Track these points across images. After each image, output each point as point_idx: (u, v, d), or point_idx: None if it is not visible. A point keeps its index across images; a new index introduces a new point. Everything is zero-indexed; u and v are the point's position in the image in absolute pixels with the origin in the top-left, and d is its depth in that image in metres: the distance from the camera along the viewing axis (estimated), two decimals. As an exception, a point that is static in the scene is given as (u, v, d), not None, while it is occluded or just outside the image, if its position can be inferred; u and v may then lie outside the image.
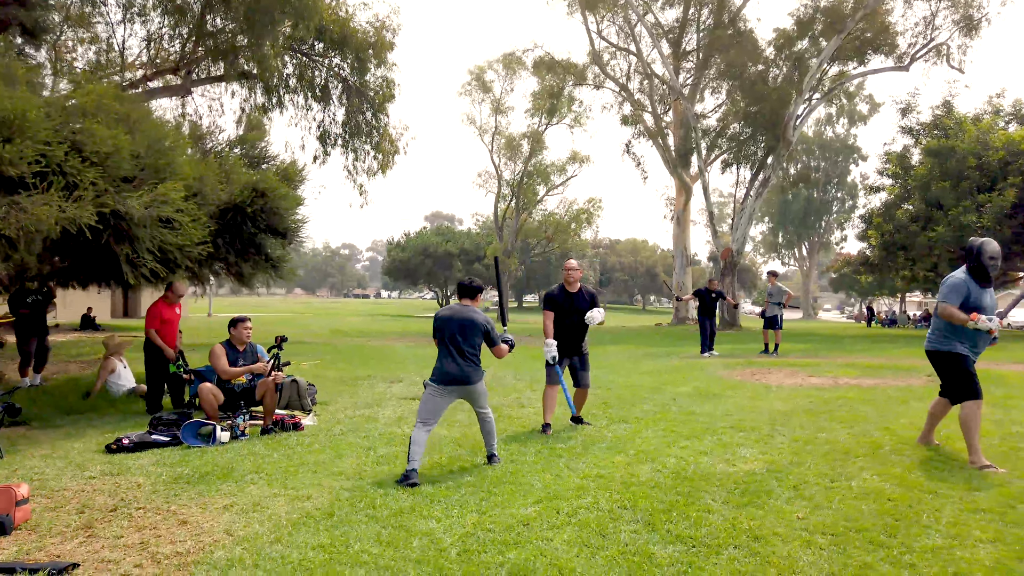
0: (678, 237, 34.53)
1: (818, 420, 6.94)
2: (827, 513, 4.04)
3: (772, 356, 14.59)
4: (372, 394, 9.42)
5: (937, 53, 27.46)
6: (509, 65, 42.58)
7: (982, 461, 4.96)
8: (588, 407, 8.00)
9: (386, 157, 21.66)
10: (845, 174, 69.34)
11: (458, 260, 55.51)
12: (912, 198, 26.40)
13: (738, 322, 28.31)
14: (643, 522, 3.93)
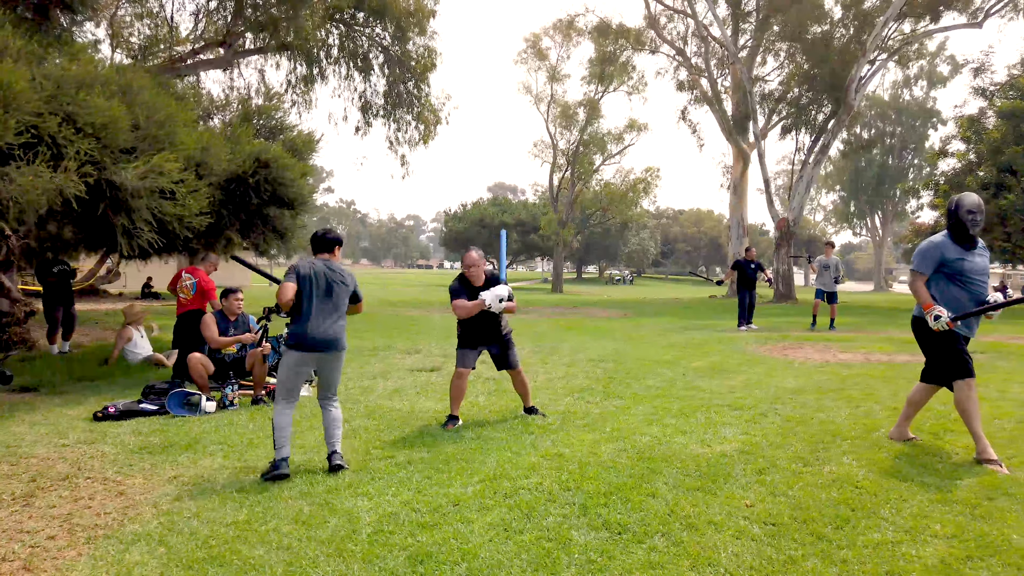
0: (735, 207, 33.42)
1: (824, 399, 6.56)
2: (780, 501, 3.77)
3: (830, 331, 13.81)
4: (383, 365, 9.42)
5: (1014, 7, 25.47)
6: (565, 31, 41.79)
7: (989, 454, 4.36)
8: (590, 381, 7.83)
9: (428, 127, 21.56)
10: (923, 139, 65.75)
11: (514, 231, 55.34)
12: (984, 164, 24.79)
13: (793, 294, 27.31)
14: (578, 505, 3.74)
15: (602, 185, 50.29)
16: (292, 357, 4.55)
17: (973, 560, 3.02)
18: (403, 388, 7.50)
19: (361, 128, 21.50)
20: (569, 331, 14.49)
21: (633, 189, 48.68)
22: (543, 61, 44.64)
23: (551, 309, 23.52)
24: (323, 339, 4.55)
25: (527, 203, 64.97)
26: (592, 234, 69.23)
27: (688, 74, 33.94)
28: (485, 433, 5.37)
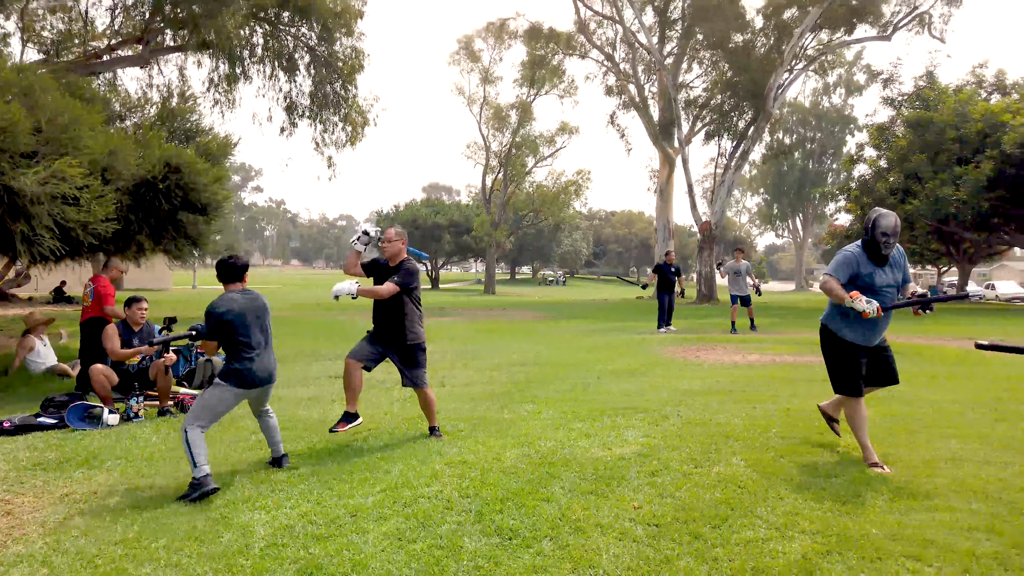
0: (661, 210, 34.24)
1: (726, 400, 6.85)
2: (666, 502, 3.95)
3: (752, 332, 14.30)
4: (304, 372, 9.36)
5: (920, 22, 26.96)
6: (498, 34, 42.01)
7: (872, 458, 4.57)
8: (507, 385, 7.96)
9: (355, 129, 21.39)
10: (842, 145, 68.58)
11: (447, 232, 55.23)
12: (893, 170, 26.12)
13: (715, 295, 28.17)
14: (474, 512, 3.84)
15: (534, 187, 50.72)
16: (231, 393, 4.46)
17: (832, 554, 3.25)
18: (320, 396, 7.48)
19: (286, 129, 21.17)
20: (495, 334, 14.63)
21: (565, 191, 49.26)
22: (476, 63, 44.80)
23: (482, 311, 23.64)
24: (266, 375, 4.61)
25: (460, 204, 64.93)
26: (525, 235, 69.72)
27: (616, 79, 34.61)
28: (394, 442, 5.42)
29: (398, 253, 5.38)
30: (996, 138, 22.23)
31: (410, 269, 5.36)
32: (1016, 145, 21.41)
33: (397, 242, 5.36)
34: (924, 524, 3.58)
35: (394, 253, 5.37)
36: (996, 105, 23.40)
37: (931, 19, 26.94)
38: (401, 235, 5.43)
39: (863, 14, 27.48)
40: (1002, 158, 21.97)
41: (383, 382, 8.18)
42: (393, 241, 5.35)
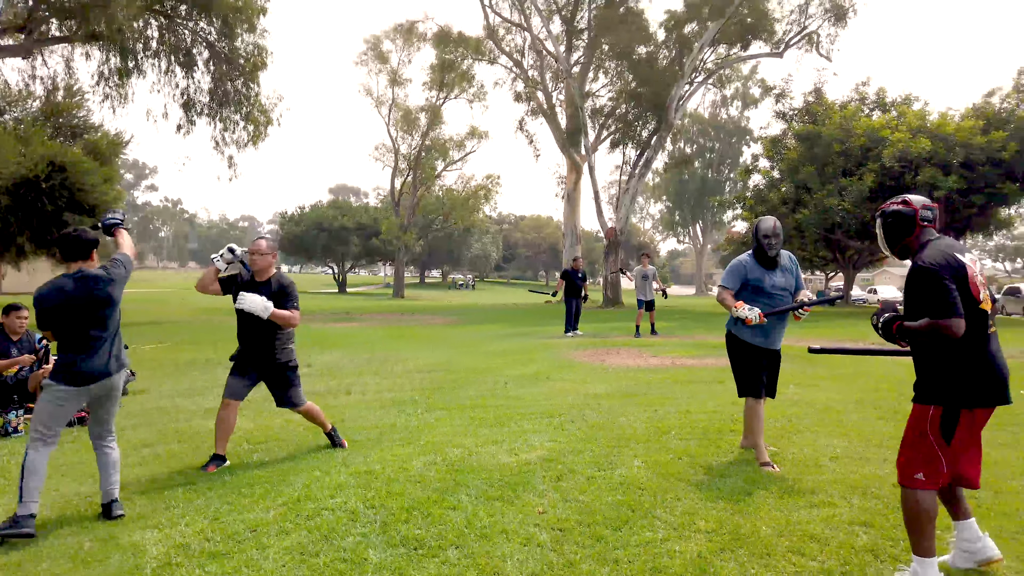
0: (569, 215, 34.84)
1: (628, 403, 7.05)
2: (570, 506, 4.03)
3: (654, 336, 14.71)
4: (204, 380, 9.00)
5: (809, 41, 28.62)
6: (407, 36, 41.70)
7: (764, 458, 4.78)
8: (415, 392, 7.91)
9: (258, 128, 20.77)
10: (739, 155, 71.69)
11: (355, 235, 54.33)
12: (784, 181, 27.53)
13: (620, 299, 28.90)
14: (379, 523, 3.81)
15: (444, 190, 50.65)
16: (63, 392, 3.89)
17: (725, 552, 3.41)
18: (217, 407, 7.20)
19: (184, 127, 20.34)
20: (404, 339, 14.51)
21: (475, 195, 49.39)
22: (384, 64, 44.31)
23: (390, 316, 23.38)
24: (101, 370, 3.97)
25: (369, 207, 64.07)
26: (435, 239, 69.36)
27: (525, 86, 35.00)
28: (296, 453, 5.30)
29: (269, 267, 5.07)
30: (877, 152, 23.80)
31: (291, 284, 5.10)
32: (895, 159, 23.00)
33: (268, 255, 5.05)
34: (808, 520, 3.80)
35: (265, 267, 5.03)
36: (877, 121, 25.07)
37: (819, 39, 28.65)
38: (273, 248, 5.16)
39: (757, 31, 28.90)
40: (882, 171, 23.55)
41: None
42: (265, 254, 5.02)
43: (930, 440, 3.02)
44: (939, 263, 2.97)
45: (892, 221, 3.23)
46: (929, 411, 3.04)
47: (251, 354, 5.04)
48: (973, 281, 3.00)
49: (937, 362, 3.04)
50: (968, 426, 3.03)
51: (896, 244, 3.25)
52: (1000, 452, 5.19)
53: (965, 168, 22.52)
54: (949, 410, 2.99)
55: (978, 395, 2.99)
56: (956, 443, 3.02)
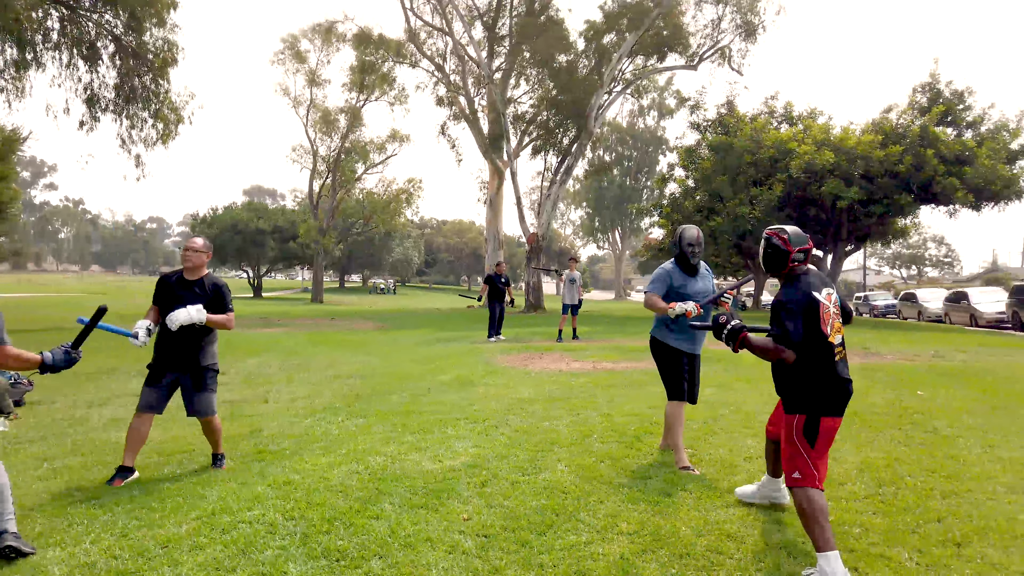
0: (491, 221, 34.97)
1: (551, 408, 7.11)
2: (495, 512, 4.03)
3: (575, 341, 14.91)
4: (105, 391, 8.55)
5: (721, 55, 29.68)
6: (325, 36, 40.91)
7: (684, 462, 4.88)
8: (335, 399, 7.75)
9: (167, 126, 19.94)
10: (655, 164, 73.52)
11: (271, 238, 52.89)
12: (699, 190, 28.44)
13: (542, 304, 29.17)
14: (299, 535, 3.70)
15: (365, 194, 49.93)
16: None
17: (647, 553, 3.48)
18: (124, 417, 6.85)
19: (87, 123, 19.32)
20: (323, 345, 14.21)
21: (396, 199, 48.88)
22: (302, 64, 43.32)
23: (309, 321, 22.85)
24: None
25: (286, 209, 62.50)
26: (355, 243, 68.30)
27: (447, 90, 34.93)
28: (210, 464, 5.10)
29: (201, 266, 4.96)
30: (785, 163, 24.89)
31: (225, 286, 4.99)
32: (801, 170, 24.10)
33: (203, 253, 4.97)
34: (726, 519, 3.92)
35: (198, 264, 4.93)
36: (785, 134, 26.22)
37: (731, 53, 29.76)
38: (209, 247, 5.05)
39: (673, 44, 29.78)
40: (790, 181, 24.65)
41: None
42: (199, 251, 4.94)
43: (798, 445, 3.45)
44: (796, 300, 3.46)
45: (771, 252, 3.66)
46: (795, 419, 3.48)
47: (172, 354, 4.84)
48: (824, 316, 3.46)
49: (794, 379, 3.50)
50: (827, 432, 3.46)
51: (770, 271, 3.71)
52: (898, 450, 5.49)
53: (865, 180, 23.80)
54: (811, 418, 3.44)
55: (831, 406, 3.45)
56: (819, 445, 3.45)
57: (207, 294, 4.88)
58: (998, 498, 4.33)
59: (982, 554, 3.48)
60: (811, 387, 3.44)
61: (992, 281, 47.06)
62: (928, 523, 3.90)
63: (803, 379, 3.46)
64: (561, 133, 31.35)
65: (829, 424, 3.46)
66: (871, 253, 69.20)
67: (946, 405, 7.37)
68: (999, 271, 64.28)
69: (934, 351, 12.90)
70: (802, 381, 3.46)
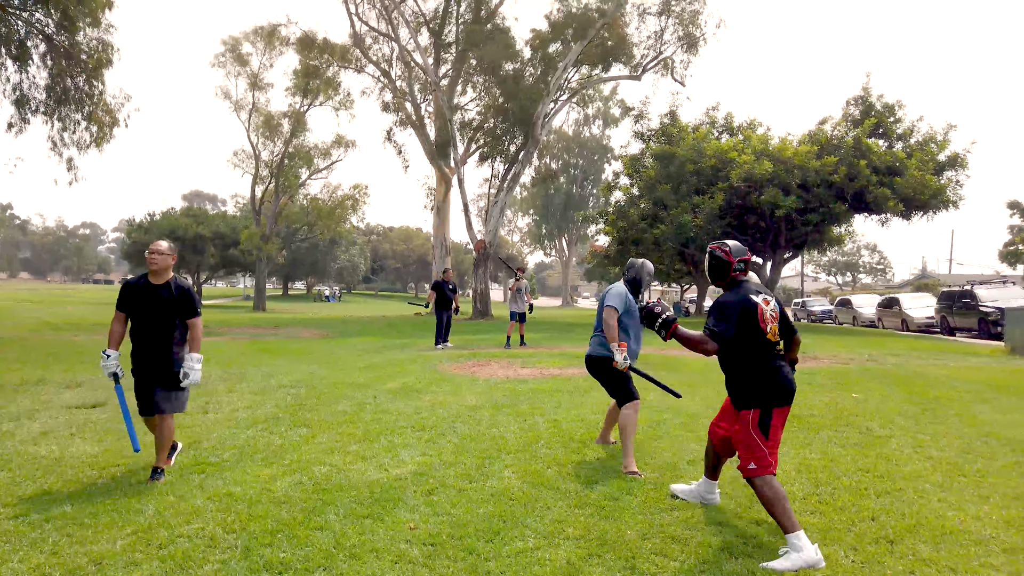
0: (438, 228, 34.80)
1: (499, 414, 7.11)
2: (441, 520, 4.01)
3: (522, 347, 14.95)
4: (32, 402, 8.18)
5: (664, 66, 30.23)
6: (268, 39, 40.21)
7: (631, 467, 4.98)
8: (278, 409, 7.60)
9: (102, 128, 19.28)
10: (601, 172, 74.38)
11: (211, 244, 51.61)
12: (643, 198, 28.89)
13: (490, 311, 29.17)
14: (241, 548, 3.61)
15: (309, 200, 49.14)
16: None
17: (593, 558, 3.50)
18: (54, 429, 6.59)
19: (16, 125, 18.54)
20: (266, 354, 13.91)
21: (341, 205, 48.26)
22: (244, 67, 42.50)
23: (249, 329, 22.34)
24: None
25: (227, 215, 61.12)
26: (299, 249, 67.21)
27: (393, 96, 34.70)
28: (146, 476, 4.93)
29: (167, 268, 5.03)
30: (726, 173, 25.48)
31: (191, 288, 5.10)
32: (741, 179, 24.71)
33: (168, 256, 5.03)
34: (670, 522, 3.98)
35: (164, 267, 4.99)
36: (726, 144, 26.83)
37: (674, 64, 30.33)
38: (173, 249, 5.12)
39: (617, 54, 30.22)
40: (731, 190, 25.24)
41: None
42: (165, 254, 5.01)
43: (754, 437, 3.73)
44: (732, 302, 3.81)
45: (714, 263, 4.00)
46: (749, 415, 3.76)
47: (148, 360, 4.99)
48: (762, 318, 3.79)
49: (745, 378, 3.81)
50: (777, 422, 3.78)
51: (715, 280, 4.06)
52: (834, 451, 5.67)
53: (803, 189, 24.53)
54: (764, 411, 3.74)
55: (778, 398, 3.76)
56: (772, 436, 3.75)
57: (174, 297, 4.97)
58: (928, 496, 4.51)
59: (914, 551, 3.61)
60: (760, 383, 3.76)
61: (922, 287, 49.03)
62: (863, 521, 4.03)
63: (752, 376, 3.78)
64: (508, 140, 31.46)
65: (780, 414, 3.78)
66: (808, 260, 71.34)
67: (879, 407, 7.64)
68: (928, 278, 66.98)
69: (868, 355, 13.36)
70: (752, 378, 3.78)
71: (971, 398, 8.32)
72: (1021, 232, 40.84)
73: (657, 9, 29.27)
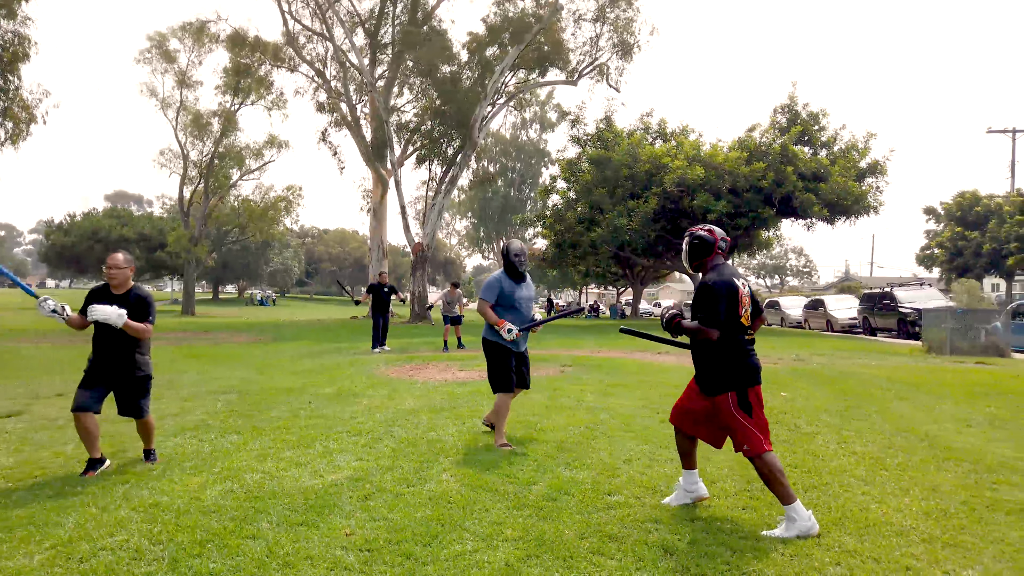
0: (375, 230, 34.44)
1: (438, 417, 7.06)
2: (378, 525, 3.95)
3: (460, 350, 14.95)
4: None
5: (599, 72, 30.68)
6: (196, 35, 38.99)
7: (502, 441, 5.64)
8: (207, 416, 7.37)
9: (18, 125, 18.37)
10: (538, 175, 74.86)
11: (137, 246, 49.77)
12: (580, 201, 29.21)
13: (428, 315, 29.00)
14: (168, 559, 3.48)
15: (240, 201, 47.84)
16: None
17: (531, 558, 3.51)
18: (-35, 440, 6.23)
19: (-78, 119, 17.48)
20: (194, 359, 13.49)
21: (274, 207, 47.12)
22: (171, 64, 41.07)
23: (182, 334, 21.63)
24: None
25: (153, 216, 59.09)
26: (230, 252, 65.47)
27: (328, 97, 34.18)
28: (68, 488, 4.71)
29: (126, 280, 5.13)
30: (659, 177, 26.00)
31: (149, 296, 5.15)
32: (674, 184, 25.25)
33: (126, 268, 5.11)
34: (607, 521, 4.02)
35: (123, 280, 5.10)
36: (659, 149, 27.38)
37: (609, 70, 30.81)
38: (130, 261, 5.20)
39: (554, 59, 30.52)
40: (664, 195, 25.77)
41: (56, 419, 7.10)
42: (122, 267, 5.09)
43: (739, 419, 3.88)
44: (720, 284, 3.86)
45: (697, 243, 4.07)
46: (727, 398, 3.91)
47: (110, 365, 5.09)
48: (742, 301, 3.93)
49: (719, 361, 3.94)
50: (756, 399, 3.94)
51: (695, 261, 4.11)
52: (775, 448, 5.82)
53: (733, 194, 25.23)
54: (741, 392, 3.89)
55: (750, 377, 3.92)
56: (756, 412, 3.91)
57: (131, 304, 5.04)
58: (853, 490, 4.68)
59: (839, 542, 3.73)
60: (735, 365, 3.90)
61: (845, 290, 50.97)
62: (791, 515, 4.15)
63: (727, 359, 3.91)
64: (446, 143, 31.37)
65: (756, 391, 3.95)
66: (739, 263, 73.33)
67: (806, 405, 7.91)
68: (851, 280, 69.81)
69: (795, 355, 13.82)
70: (726, 361, 3.91)
71: (892, 395, 8.69)
72: (936, 236, 43.00)
73: (592, 16, 29.72)
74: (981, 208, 40.00)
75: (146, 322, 5.06)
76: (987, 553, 3.60)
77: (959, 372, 10.93)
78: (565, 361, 12.30)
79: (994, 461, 5.42)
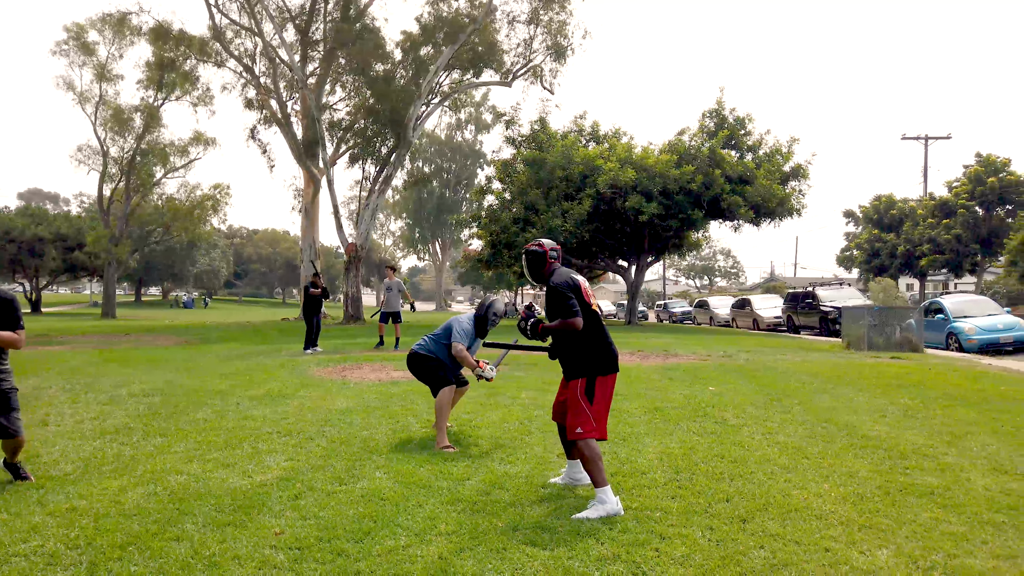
0: (306, 230, 33.74)
1: (370, 417, 6.99)
2: (309, 524, 3.89)
3: (395, 351, 14.65)
4: None
5: (534, 74, 30.89)
6: (117, 27, 37.46)
7: (444, 443, 5.63)
8: (129, 419, 7.11)
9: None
10: (474, 176, 74.82)
11: (52, 247, 47.49)
12: (515, 202, 29.30)
13: (361, 315, 28.63)
14: (87, 564, 3.34)
15: (165, 200, 46.20)
16: None
17: (465, 551, 3.51)
18: None
19: None
20: (114, 363, 12.95)
21: (201, 206, 45.67)
22: (90, 56, 39.40)
23: (97, 337, 20.74)
24: None
25: (70, 215, 56.50)
26: (153, 253, 63.20)
27: (257, 93, 33.33)
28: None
29: None
30: (593, 179, 26.30)
31: (14, 300, 4.60)
32: (607, 186, 25.61)
33: None
34: (538, 514, 4.07)
35: None
36: (593, 151, 27.70)
37: (543, 72, 31.05)
38: None
39: (488, 60, 30.56)
40: (597, 196, 26.09)
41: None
42: None
43: (581, 404, 4.15)
44: (563, 283, 4.24)
45: (532, 258, 4.47)
46: (578, 383, 4.19)
47: None
48: (586, 293, 4.30)
49: (574, 348, 4.25)
50: (603, 389, 4.21)
51: (535, 274, 4.48)
52: (693, 440, 5.99)
53: (664, 196, 25.76)
54: (590, 379, 4.18)
55: (603, 366, 4.22)
56: (597, 401, 4.18)
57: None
58: (776, 477, 4.85)
59: (763, 527, 3.87)
60: (588, 353, 4.21)
61: (771, 289, 52.80)
62: (718, 503, 4.28)
63: (582, 347, 4.22)
64: (379, 142, 31.01)
65: (605, 381, 4.22)
66: (669, 264, 75.05)
67: (733, 399, 8.15)
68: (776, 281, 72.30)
69: (723, 352, 14.22)
70: (581, 349, 4.22)
71: (813, 389, 9.04)
72: (855, 238, 44.96)
73: (526, 18, 29.90)
74: (896, 211, 42.05)
75: (16, 329, 4.52)
76: (900, 533, 3.79)
77: (876, 366, 11.45)
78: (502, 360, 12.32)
79: (907, 448, 5.70)
